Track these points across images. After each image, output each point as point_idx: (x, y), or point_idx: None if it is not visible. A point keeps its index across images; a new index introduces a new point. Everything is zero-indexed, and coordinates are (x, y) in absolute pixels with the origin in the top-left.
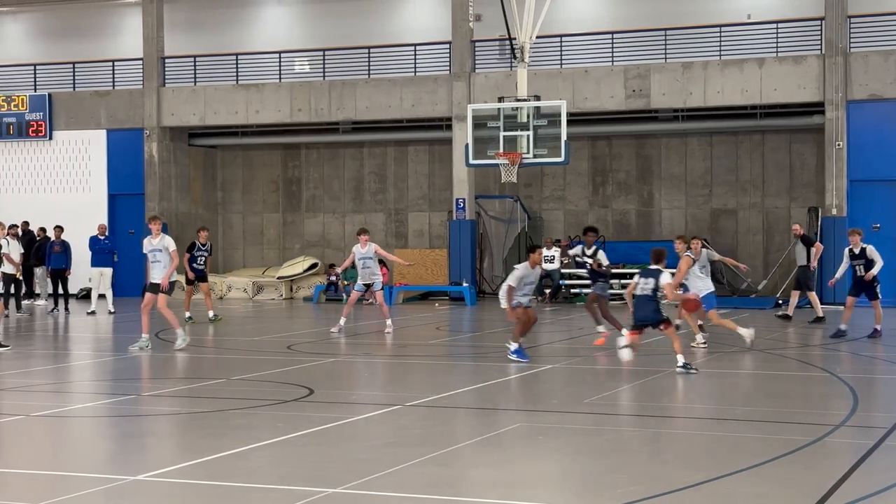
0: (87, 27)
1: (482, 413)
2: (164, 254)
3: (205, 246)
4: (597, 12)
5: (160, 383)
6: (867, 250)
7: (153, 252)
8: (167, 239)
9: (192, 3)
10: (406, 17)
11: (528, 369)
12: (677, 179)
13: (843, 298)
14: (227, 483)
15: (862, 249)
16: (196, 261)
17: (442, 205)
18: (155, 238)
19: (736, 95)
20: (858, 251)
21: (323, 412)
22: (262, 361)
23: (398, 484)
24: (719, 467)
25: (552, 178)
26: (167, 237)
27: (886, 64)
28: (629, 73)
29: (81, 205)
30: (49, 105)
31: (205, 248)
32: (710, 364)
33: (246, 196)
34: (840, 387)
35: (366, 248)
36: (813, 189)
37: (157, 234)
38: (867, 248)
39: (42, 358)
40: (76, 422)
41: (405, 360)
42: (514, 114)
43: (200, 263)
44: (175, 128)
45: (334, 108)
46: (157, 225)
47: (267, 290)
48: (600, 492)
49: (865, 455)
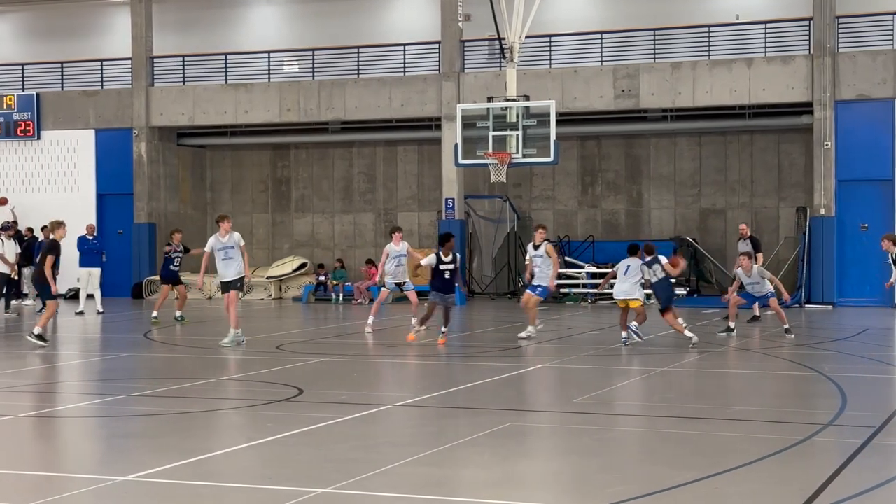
0: (75, 27)
1: (472, 413)
2: (235, 250)
3: (178, 248)
4: (586, 12)
5: (149, 383)
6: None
7: (225, 249)
8: (236, 235)
9: (181, 2)
10: (395, 17)
11: (518, 369)
12: (666, 179)
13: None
14: (217, 483)
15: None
16: (172, 262)
17: (431, 205)
18: (224, 236)
19: (725, 95)
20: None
21: (312, 412)
22: (251, 361)
23: (388, 484)
24: (709, 466)
25: (541, 177)
26: (236, 234)
27: (874, 64)
28: (618, 73)
29: (70, 205)
30: (37, 105)
31: (179, 251)
32: (699, 363)
33: (235, 196)
34: (828, 386)
35: (399, 245)
36: (801, 189)
37: (226, 233)
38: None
39: (30, 358)
40: (65, 422)
41: (395, 360)
42: (503, 114)
43: (176, 265)
44: (164, 127)
45: (323, 107)
46: (228, 224)
47: (256, 290)
48: (590, 491)
49: (854, 454)
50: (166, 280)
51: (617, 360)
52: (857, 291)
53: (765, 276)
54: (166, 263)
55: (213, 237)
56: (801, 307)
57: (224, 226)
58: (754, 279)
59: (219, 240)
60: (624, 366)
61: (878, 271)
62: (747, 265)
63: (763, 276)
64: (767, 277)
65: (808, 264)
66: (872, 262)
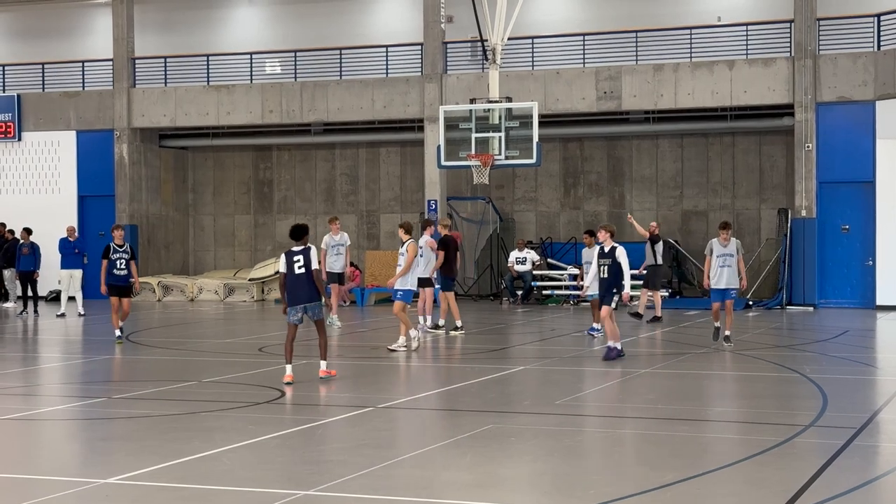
0: (56, 27)
1: (454, 415)
2: (345, 247)
3: (122, 247)
4: (568, 14)
5: (130, 386)
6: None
7: (336, 247)
8: (346, 235)
9: (163, 3)
10: (378, 19)
11: (501, 371)
12: (648, 181)
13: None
14: (199, 486)
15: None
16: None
17: (414, 206)
18: (336, 234)
19: (706, 97)
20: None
21: (295, 414)
22: (233, 364)
23: (371, 486)
24: (690, 468)
25: (524, 179)
26: (345, 233)
27: (855, 66)
28: (600, 75)
29: (51, 206)
30: (18, 106)
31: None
32: (680, 365)
33: (217, 198)
34: (810, 387)
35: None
36: (782, 191)
37: (337, 231)
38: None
39: (11, 361)
40: (46, 425)
41: (376, 362)
42: (485, 115)
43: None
44: (145, 129)
45: (306, 109)
46: (338, 224)
47: (238, 292)
48: (572, 493)
49: (835, 455)
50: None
51: (599, 362)
52: (838, 293)
53: (740, 252)
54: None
55: (327, 235)
56: (783, 309)
57: (334, 226)
58: (730, 251)
59: (332, 238)
60: (606, 367)
61: (858, 273)
62: (725, 236)
63: (739, 251)
64: (742, 253)
65: (789, 266)
66: (853, 263)
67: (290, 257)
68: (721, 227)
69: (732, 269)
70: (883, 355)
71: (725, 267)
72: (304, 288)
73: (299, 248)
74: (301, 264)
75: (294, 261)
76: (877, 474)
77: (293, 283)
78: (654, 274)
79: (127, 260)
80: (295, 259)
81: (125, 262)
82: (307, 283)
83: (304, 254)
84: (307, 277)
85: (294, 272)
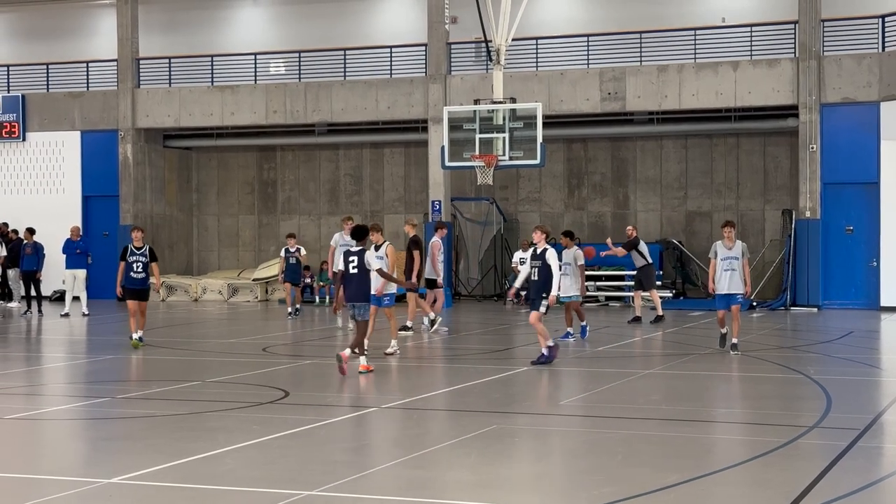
0: (60, 28)
1: (458, 415)
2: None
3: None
4: (572, 15)
5: (134, 386)
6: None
7: (346, 246)
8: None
9: (167, 4)
10: (382, 19)
11: (505, 371)
12: (652, 182)
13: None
14: (202, 486)
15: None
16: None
17: (418, 207)
18: (347, 234)
19: (710, 98)
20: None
21: (298, 414)
22: (237, 364)
23: (374, 486)
24: (694, 469)
25: (528, 180)
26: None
27: (859, 67)
28: (604, 76)
29: (55, 206)
30: (22, 106)
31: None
32: (683, 366)
33: (221, 198)
34: (813, 388)
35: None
36: (787, 192)
37: (348, 231)
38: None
39: (15, 360)
40: (50, 424)
41: (380, 363)
42: (489, 116)
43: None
44: (150, 129)
45: (310, 109)
46: (352, 223)
47: (242, 292)
48: (576, 493)
49: (839, 456)
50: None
51: (602, 363)
52: (842, 294)
53: (746, 255)
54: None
55: (337, 234)
56: (787, 310)
57: (347, 226)
58: (734, 254)
59: (343, 237)
60: (609, 368)
61: (862, 274)
62: (729, 235)
63: (744, 255)
64: (747, 257)
65: (793, 267)
66: (857, 264)
67: (347, 257)
68: (724, 226)
69: (737, 273)
70: (887, 356)
71: (730, 271)
72: (354, 287)
73: (357, 249)
74: (355, 264)
75: (350, 260)
76: (881, 475)
77: (346, 282)
78: (645, 274)
79: (145, 263)
80: (350, 259)
81: (142, 264)
82: (357, 282)
83: (359, 255)
84: (359, 278)
85: (349, 271)
